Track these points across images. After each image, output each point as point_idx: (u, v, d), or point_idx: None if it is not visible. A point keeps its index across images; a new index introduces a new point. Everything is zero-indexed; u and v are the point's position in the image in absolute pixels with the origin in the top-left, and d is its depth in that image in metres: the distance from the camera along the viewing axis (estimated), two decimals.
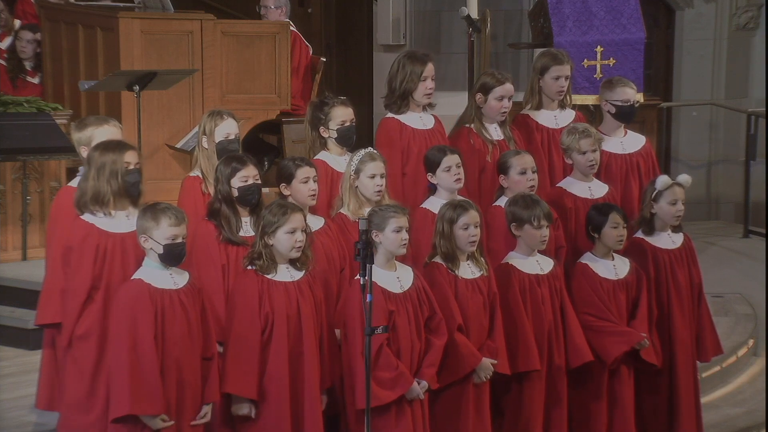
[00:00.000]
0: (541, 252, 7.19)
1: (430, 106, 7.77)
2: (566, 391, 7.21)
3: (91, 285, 6.35)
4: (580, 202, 7.59)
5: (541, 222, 7.04)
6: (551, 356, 7.12)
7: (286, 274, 6.44)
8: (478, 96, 7.80)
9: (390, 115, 7.69)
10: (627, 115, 7.99)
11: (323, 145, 7.36)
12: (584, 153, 7.56)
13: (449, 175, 7.16)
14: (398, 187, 7.46)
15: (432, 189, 7.28)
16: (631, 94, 7.95)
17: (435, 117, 7.78)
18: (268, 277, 6.38)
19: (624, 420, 7.30)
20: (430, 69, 7.64)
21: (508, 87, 7.79)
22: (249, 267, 6.40)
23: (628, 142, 8.06)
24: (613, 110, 7.98)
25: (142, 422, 6.08)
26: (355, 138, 7.37)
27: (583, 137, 7.54)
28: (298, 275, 6.46)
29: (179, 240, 6.15)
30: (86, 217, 6.42)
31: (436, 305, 6.68)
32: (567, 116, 8.08)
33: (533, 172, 7.34)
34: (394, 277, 6.61)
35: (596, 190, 7.66)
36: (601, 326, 7.23)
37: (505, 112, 7.80)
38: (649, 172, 7.98)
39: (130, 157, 6.44)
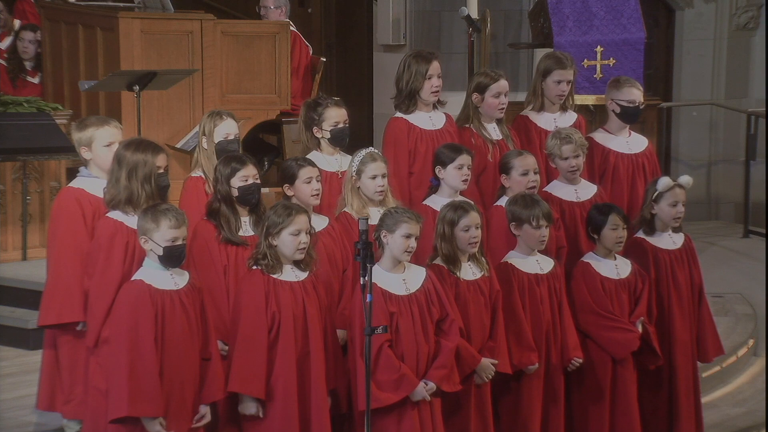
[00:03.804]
0: (541, 252, 7.19)
1: (440, 103, 7.78)
2: (563, 391, 7.21)
3: (120, 283, 6.30)
4: (566, 205, 7.57)
5: (540, 222, 7.03)
6: (549, 355, 7.12)
7: (291, 274, 6.44)
8: (475, 96, 7.81)
9: (398, 114, 7.69)
10: (631, 116, 7.98)
11: (316, 145, 7.37)
12: (566, 159, 7.55)
13: (459, 173, 7.16)
14: (405, 187, 7.47)
15: (434, 187, 7.28)
16: (637, 95, 7.94)
17: (447, 116, 7.78)
18: (274, 276, 6.39)
19: (628, 419, 7.30)
20: (435, 67, 7.65)
21: (503, 83, 7.80)
22: (254, 267, 6.40)
23: (633, 142, 8.06)
24: (618, 110, 7.97)
25: (142, 424, 6.07)
26: (348, 139, 7.37)
27: (565, 143, 7.52)
28: (302, 276, 6.46)
29: (179, 242, 6.14)
30: (113, 214, 6.41)
31: (448, 307, 6.65)
32: (568, 119, 8.07)
33: (535, 173, 7.34)
34: (399, 279, 6.59)
35: (582, 192, 7.65)
36: (604, 326, 7.23)
37: (502, 109, 7.82)
38: (653, 173, 7.97)
39: (162, 161, 6.45)
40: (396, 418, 6.48)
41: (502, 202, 7.33)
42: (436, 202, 7.18)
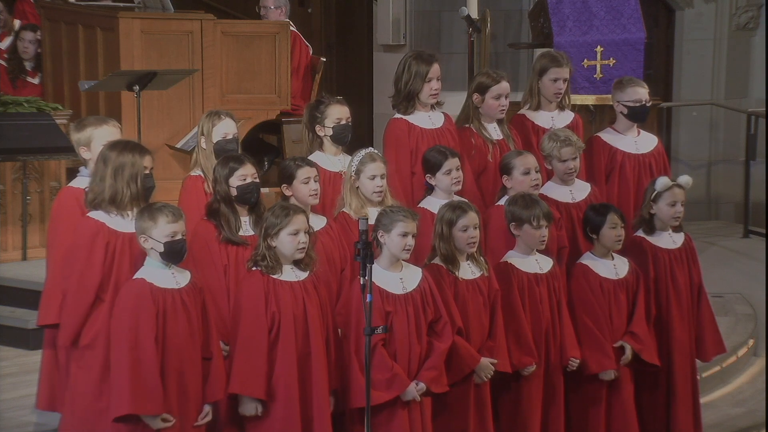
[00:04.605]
0: (540, 251, 7.18)
1: (438, 104, 7.77)
2: (563, 390, 7.21)
3: (99, 284, 6.31)
4: (562, 206, 7.56)
5: (540, 222, 7.03)
6: (548, 355, 7.12)
7: (291, 274, 6.43)
8: (475, 96, 7.80)
9: (398, 115, 7.68)
10: (639, 116, 7.97)
11: (319, 145, 7.37)
12: (564, 161, 7.54)
13: (449, 178, 7.17)
14: (408, 187, 7.46)
15: (429, 188, 7.29)
16: (642, 93, 7.93)
17: (445, 115, 7.77)
18: (274, 277, 6.39)
19: (624, 420, 7.30)
20: (435, 70, 7.63)
21: (504, 85, 7.80)
22: (254, 268, 6.40)
23: (641, 142, 8.04)
24: (626, 111, 7.95)
25: (143, 422, 6.08)
26: (349, 137, 7.37)
27: (564, 146, 7.50)
28: (302, 276, 6.46)
29: (179, 237, 6.14)
30: (95, 214, 6.38)
31: (442, 308, 6.66)
32: (565, 118, 8.08)
33: (536, 172, 7.33)
34: (396, 278, 6.60)
35: (577, 193, 7.64)
36: (593, 336, 7.22)
37: (503, 110, 7.81)
38: (661, 173, 7.95)
39: (148, 162, 6.44)
40: (386, 417, 6.49)
41: (503, 202, 7.32)
42: (432, 203, 7.18)
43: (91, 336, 6.29)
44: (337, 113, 7.31)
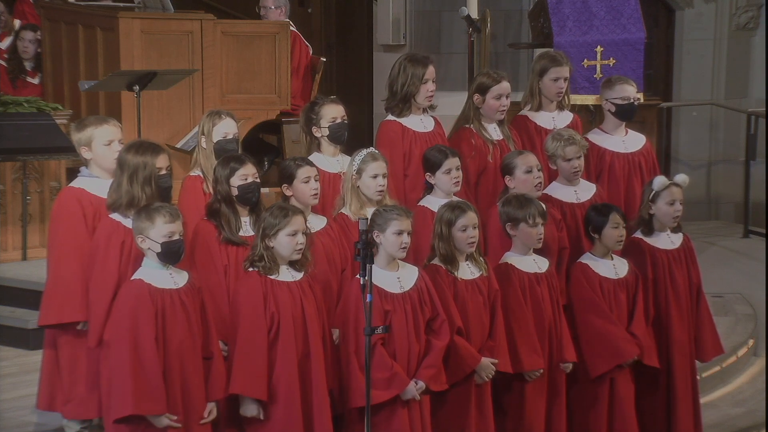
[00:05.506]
0: (536, 251, 7.18)
1: (431, 107, 7.78)
2: (566, 388, 7.21)
3: (117, 282, 6.33)
4: (567, 207, 7.56)
5: (536, 219, 7.04)
6: (551, 354, 7.13)
7: (287, 274, 6.44)
8: (476, 96, 7.80)
9: (391, 117, 7.68)
10: (627, 114, 7.98)
11: (317, 147, 7.37)
12: (569, 160, 7.54)
13: (449, 177, 7.17)
14: (400, 189, 7.46)
15: (429, 187, 7.29)
16: (630, 92, 7.94)
17: (435, 119, 7.79)
18: (272, 277, 6.39)
19: (625, 422, 7.30)
20: (431, 71, 7.65)
21: (505, 85, 7.80)
22: (251, 269, 6.40)
23: (629, 141, 8.05)
24: (613, 109, 7.97)
25: (145, 422, 6.08)
26: (346, 136, 7.37)
27: (569, 145, 7.50)
28: (298, 276, 6.46)
29: (176, 237, 6.15)
30: (113, 215, 6.43)
31: (439, 306, 6.67)
32: (565, 118, 8.08)
33: (538, 170, 7.33)
34: (394, 278, 6.61)
35: (582, 193, 7.64)
36: (595, 336, 7.22)
37: (503, 111, 7.82)
38: (651, 172, 7.97)
39: (162, 161, 6.46)
40: (386, 416, 6.49)
41: None
42: (432, 202, 7.18)
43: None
44: (332, 112, 7.32)
